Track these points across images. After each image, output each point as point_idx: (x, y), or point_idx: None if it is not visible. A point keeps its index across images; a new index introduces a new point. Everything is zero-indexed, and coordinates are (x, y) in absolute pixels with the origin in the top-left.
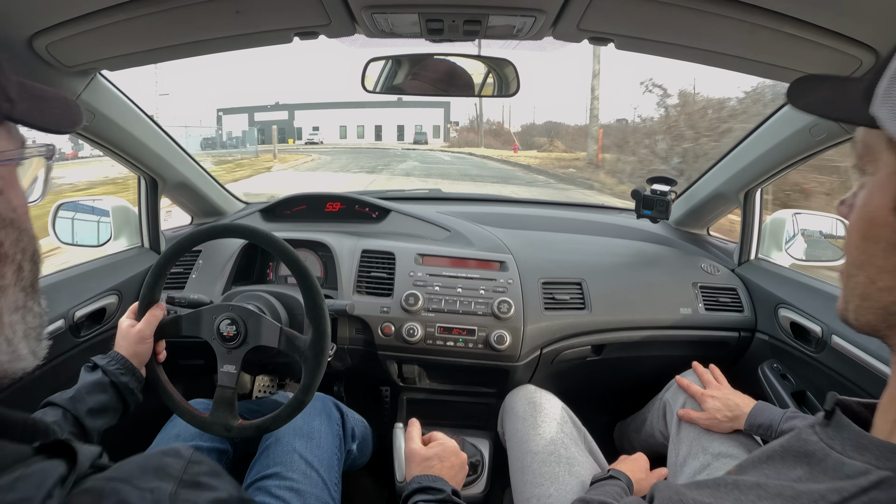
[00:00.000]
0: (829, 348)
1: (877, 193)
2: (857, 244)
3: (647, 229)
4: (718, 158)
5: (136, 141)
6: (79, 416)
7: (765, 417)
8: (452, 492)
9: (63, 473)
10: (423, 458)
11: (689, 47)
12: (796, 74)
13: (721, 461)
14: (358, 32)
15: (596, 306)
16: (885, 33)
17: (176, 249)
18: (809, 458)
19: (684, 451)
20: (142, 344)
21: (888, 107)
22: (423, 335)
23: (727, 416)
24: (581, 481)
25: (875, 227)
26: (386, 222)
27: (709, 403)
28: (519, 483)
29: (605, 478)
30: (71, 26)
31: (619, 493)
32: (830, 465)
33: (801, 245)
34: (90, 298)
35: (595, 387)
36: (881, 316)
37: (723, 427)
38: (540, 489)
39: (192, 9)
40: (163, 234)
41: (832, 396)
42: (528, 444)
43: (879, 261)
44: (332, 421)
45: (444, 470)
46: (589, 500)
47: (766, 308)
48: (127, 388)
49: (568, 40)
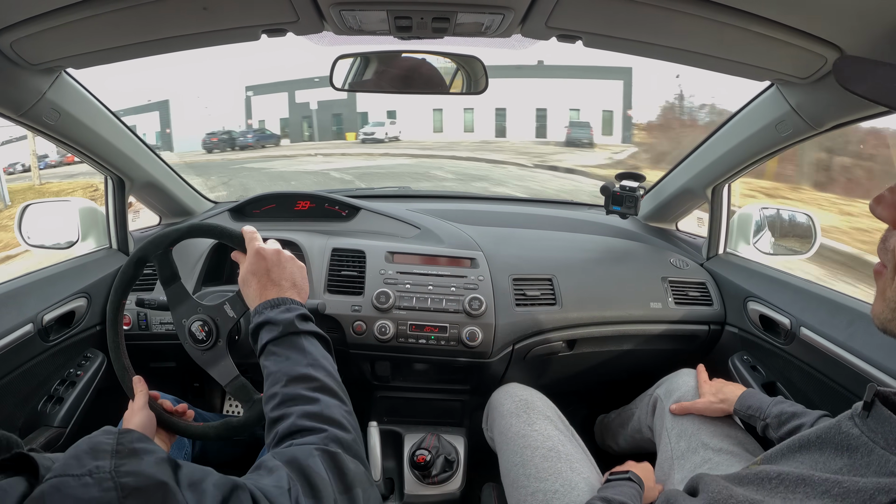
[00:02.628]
0: (797, 340)
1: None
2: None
3: (616, 225)
4: (686, 155)
5: (103, 140)
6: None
7: (754, 401)
8: (299, 315)
9: (24, 491)
10: (251, 273)
11: (657, 45)
12: (764, 73)
13: (723, 456)
14: (326, 29)
15: (567, 302)
16: (850, 32)
17: (141, 255)
18: (852, 451)
19: (682, 446)
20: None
21: None
22: (394, 333)
23: (719, 399)
24: (584, 478)
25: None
26: (356, 220)
27: (704, 388)
28: (520, 477)
29: (622, 477)
30: (36, 23)
31: (634, 496)
32: (875, 460)
33: (769, 239)
34: (59, 301)
35: (570, 381)
36: None
37: (714, 409)
38: (545, 484)
39: (158, 5)
40: (131, 235)
41: (871, 388)
42: (526, 440)
43: None
44: None
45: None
46: (610, 499)
47: (734, 301)
48: None
49: (536, 38)
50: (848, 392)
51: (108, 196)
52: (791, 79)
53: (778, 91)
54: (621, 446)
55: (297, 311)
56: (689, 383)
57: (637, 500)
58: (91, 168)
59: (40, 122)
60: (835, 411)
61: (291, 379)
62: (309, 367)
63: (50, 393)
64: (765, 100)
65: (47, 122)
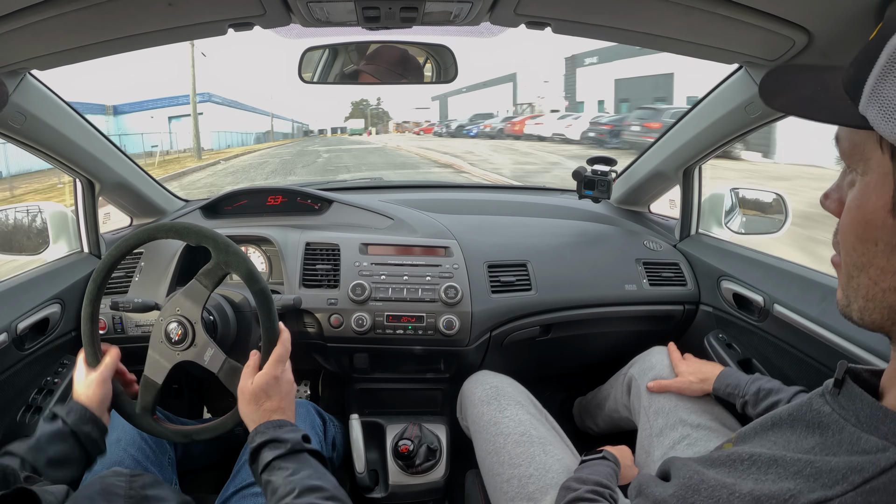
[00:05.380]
0: (771, 317)
1: (872, 195)
2: (855, 246)
3: (589, 209)
4: (657, 138)
5: (70, 142)
6: (38, 467)
7: (733, 379)
8: (304, 436)
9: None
10: (253, 395)
11: (626, 30)
12: (732, 56)
13: (701, 432)
14: (294, 22)
15: (541, 287)
16: (816, 13)
17: (115, 256)
18: (823, 429)
19: (660, 423)
20: (101, 386)
21: (877, 106)
22: (371, 325)
23: (698, 378)
24: (558, 460)
25: (872, 228)
26: (328, 213)
27: (681, 367)
28: (494, 465)
29: (596, 457)
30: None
31: (610, 474)
32: (846, 438)
33: (740, 219)
34: (32, 309)
35: (548, 365)
36: (887, 314)
37: (693, 389)
38: (519, 469)
39: (123, 2)
40: (102, 238)
41: (842, 365)
42: (498, 427)
43: (881, 262)
44: (315, 428)
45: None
46: (584, 479)
47: (708, 281)
48: (88, 439)
49: (505, 25)
50: (822, 366)
51: (77, 199)
52: (759, 61)
53: (747, 73)
54: (601, 427)
55: (301, 432)
56: (663, 361)
57: (612, 478)
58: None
59: (6, 126)
60: (810, 386)
61: (304, 490)
62: (318, 479)
63: (28, 402)
64: (734, 82)
65: (13, 125)
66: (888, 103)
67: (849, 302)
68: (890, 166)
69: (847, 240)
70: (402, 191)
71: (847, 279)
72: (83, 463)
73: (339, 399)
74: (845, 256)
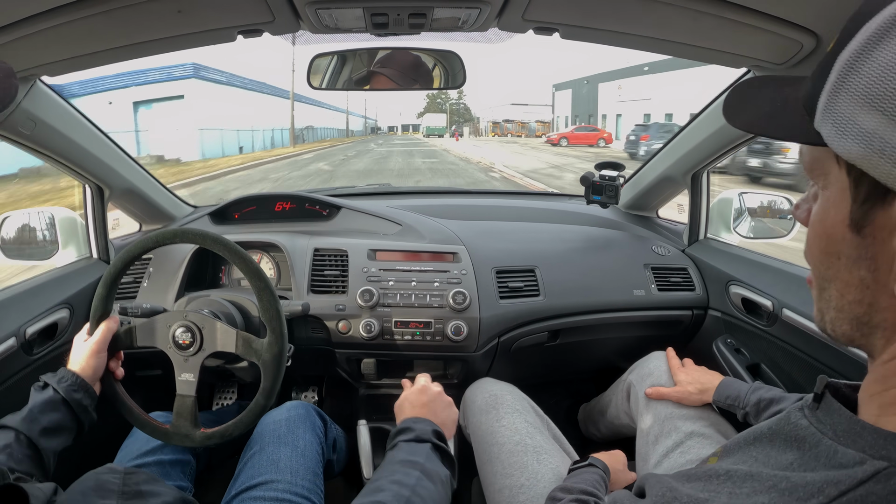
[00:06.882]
0: (780, 321)
1: (831, 209)
2: (821, 259)
3: (597, 214)
4: (665, 143)
5: (80, 148)
6: (32, 438)
7: (732, 389)
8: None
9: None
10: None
11: (633, 35)
12: (740, 60)
13: (694, 440)
14: (302, 28)
15: (550, 292)
16: (825, 17)
17: (125, 259)
18: (800, 442)
19: (656, 431)
20: (94, 357)
21: (830, 123)
22: (379, 331)
23: (697, 388)
24: (551, 469)
25: (834, 242)
26: (337, 219)
27: (680, 376)
28: (488, 475)
29: (583, 465)
30: (8, 32)
31: (597, 481)
32: (823, 452)
33: (749, 223)
34: (41, 314)
35: (555, 372)
36: (855, 326)
37: (692, 399)
38: (511, 479)
39: (133, 10)
40: (111, 244)
41: (822, 379)
42: (494, 437)
43: (844, 275)
44: (316, 429)
45: (427, 411)
46: (570, 488)
47: (717, 286)
48: (80, 406)
49: (513, 31)
50: (832, 371)
51: (87, 205)
52: (767, 65)
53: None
54: (603, 433)
55: (434, 428)
56: (661, 367)
57: (600, 485)
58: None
59: (16, 132)
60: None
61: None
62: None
63: None
64: None
65: (23, 131)
66: (840, 119)
67: (822, 315)
68: (847, 181)
69: (812, 253)
70: (410, 196)
71: (819, 292)
72: (75, 431)
73: (342, 407)
74: (814, 270)
